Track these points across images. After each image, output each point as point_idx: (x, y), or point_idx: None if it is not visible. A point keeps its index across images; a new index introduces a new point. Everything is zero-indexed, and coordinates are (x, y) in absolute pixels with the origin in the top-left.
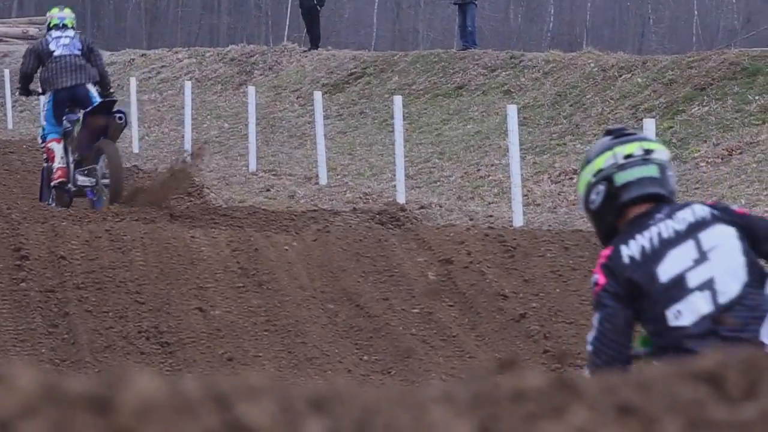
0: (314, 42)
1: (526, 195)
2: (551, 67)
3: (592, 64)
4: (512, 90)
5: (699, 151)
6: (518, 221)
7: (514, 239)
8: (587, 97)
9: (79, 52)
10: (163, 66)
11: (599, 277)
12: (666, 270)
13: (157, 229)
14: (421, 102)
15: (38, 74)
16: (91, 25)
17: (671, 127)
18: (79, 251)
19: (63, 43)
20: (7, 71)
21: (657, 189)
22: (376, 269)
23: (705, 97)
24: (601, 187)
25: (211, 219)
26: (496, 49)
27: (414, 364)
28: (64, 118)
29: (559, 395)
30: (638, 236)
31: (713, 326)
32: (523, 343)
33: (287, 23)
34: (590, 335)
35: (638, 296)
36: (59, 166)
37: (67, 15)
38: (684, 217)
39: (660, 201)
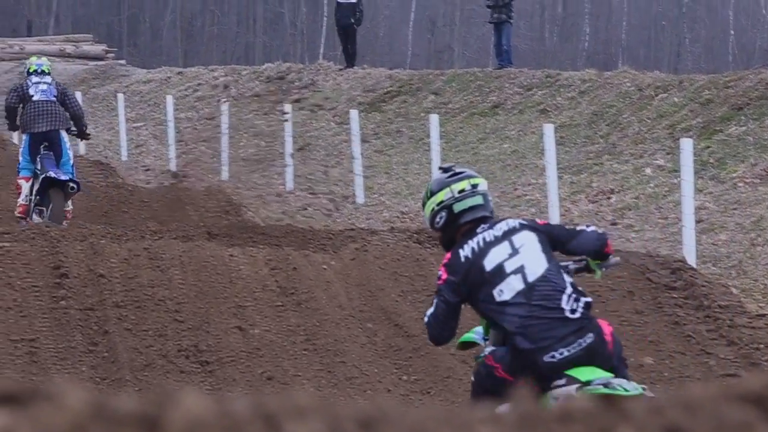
0: (350, 60)
1: (563, 214)
2: (587, 87)
3: (629, 84)
4: (548, 109)
5: (737, 171)
6: None
7: None
8: (624, 116)
9: (54, 98)
10: (199, 84)
11: (442, 273)
12: (490, 261)
13: (196, 247)
14: (457, 121)
15: (19, 115)
16: (127, 43)
17: (708, 147)
18: (118, 269)
19: (41, 89)
20: None
21: (483, 213)
22: (415, 288)
23: (742, 117)
24: (443, 213)
25: (249, 238)
26: (531, 68)
27: (453, 384)
28: (38, 157)
29: (606, 417)
30: (470, 242)
31: (526, 298)
32: None
33: (323, 41)
34: (428, 312)
35: (474, 283)
36: (22, 202)
37: (44, 62)
38: (500, 227)
39: (484, 219)
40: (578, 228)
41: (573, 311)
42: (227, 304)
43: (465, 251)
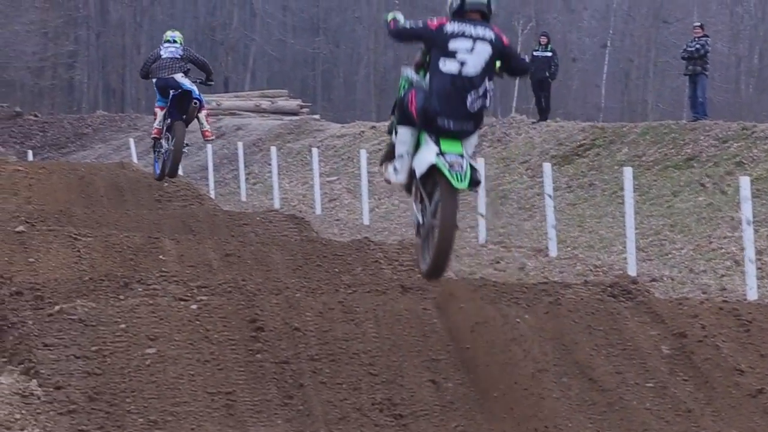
0: (543, 114)
1: (760, 268)
2: None
3: None
4: (744, 161)
5: None
6: (753, 295)
7: (750, 313)
8: None
9: (179, 56)
10: None
11: (435, 22)
12: (453, 44)
13: (390, 300)
14: (651, 173)
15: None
16: (321, 97)
17: None
18: (313, 323)
19: (170, 50)
20: (240, 144)
21: (482, 9)
22: (609, 342)
23: None
24: (458, 2)
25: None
26: (727, 120)
27: None
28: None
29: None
30: (459, 25)
31: (452, 79)
32: (760, 419)
33: (515, 94)
34: (406, 23)
35: (437, 44)
36: (157, 126)
37: (176, 35)
38: (479, 31)
39: (483, 15)
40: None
41: (472, 106)
42: (421, 357)
43: (452, 27)
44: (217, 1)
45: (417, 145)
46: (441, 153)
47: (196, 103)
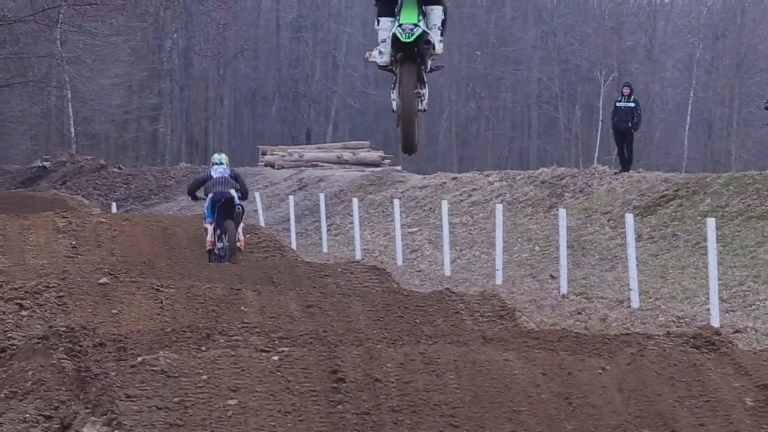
0: (626, 164)
1: None
2: None
3: None
4: None
5: None
6: None
7: None
8: None
9: (227, 176)
10: (474, 189)
11: None
12: None
13: (471, 352)
14: (734, 224)
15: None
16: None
17: None
18: (394, 374)
19: (219, 171)
20: (322, 195)
21: None
22: (692, 394)
23: None
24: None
25: (523, 342)
26: None
27: None
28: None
29: None
30: None
31: None
32: None
33: (597, 145)
34: None
35: None
36: (210, 239)
37: (223, 158)
38: None
39: None
40: None
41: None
42: (502, 408)
43: None
44: (299, 53)
45: None
46: (399, 25)
47: (239, 208)
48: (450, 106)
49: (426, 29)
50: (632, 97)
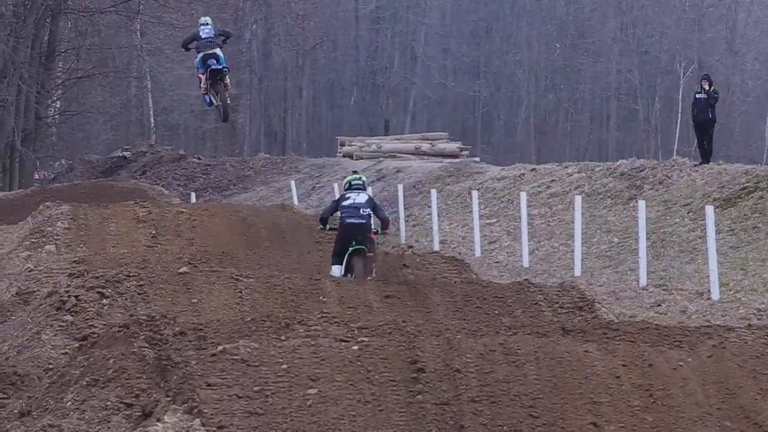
0: (706, 156)
1: None
2: None
3: None
4: None
5: None
6: None
7: None
8: None
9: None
10: (552, 180)
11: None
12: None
13: (550, 343)
14: None
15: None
16: (481, 140)
17: None
18: (474, 364)
19: (205, 31)
20: (400, 186)
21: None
22: None
23: None
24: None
25: (603, 334)
26: None
27: None
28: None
29: None
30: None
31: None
32: None
33: (677, 137)
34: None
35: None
36: (203, 86)
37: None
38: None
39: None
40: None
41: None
42: (582, 399)
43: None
44: (378, 44)
45: None
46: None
47: (226, 70)
48: (528, 98)
49: None
50: (712, 88)
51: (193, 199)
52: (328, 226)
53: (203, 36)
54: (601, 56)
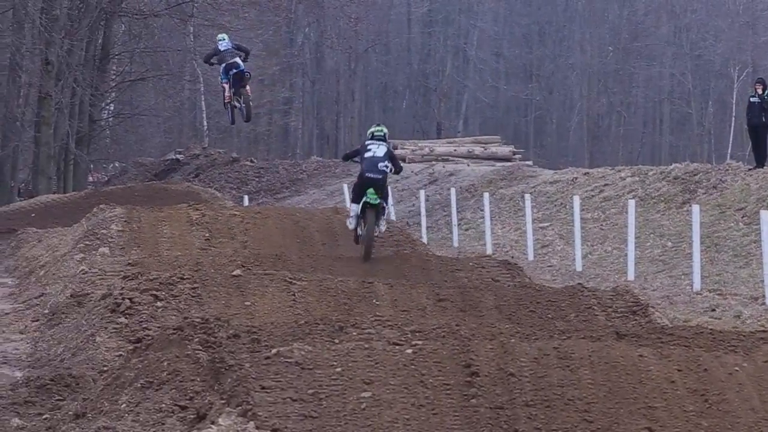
0: (760, 160)
1: None
2: None
3: None
4: None
5: None
6: None
7: None
8: None
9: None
10: (605, 184)
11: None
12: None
13: (605, 347)
14: None
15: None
16: (533, 144)
17: None
18: (528, 368)
19: (223, 45)
20: (453, 190)
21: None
22: None
23: None
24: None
25: (657, 338)
26: None
27: None
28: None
29: None
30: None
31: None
32: None
33: (731, 141)
34: None
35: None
36: (227, 95)
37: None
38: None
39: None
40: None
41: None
42: (637, 404)
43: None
44: (430, 48)
45: None
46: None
47: (248, 75)
48: (581, 102)
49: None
50: (766, 92)
51: (246, 202)
52: (349, 160)
53: (222, 48)
54: (655, 60)
